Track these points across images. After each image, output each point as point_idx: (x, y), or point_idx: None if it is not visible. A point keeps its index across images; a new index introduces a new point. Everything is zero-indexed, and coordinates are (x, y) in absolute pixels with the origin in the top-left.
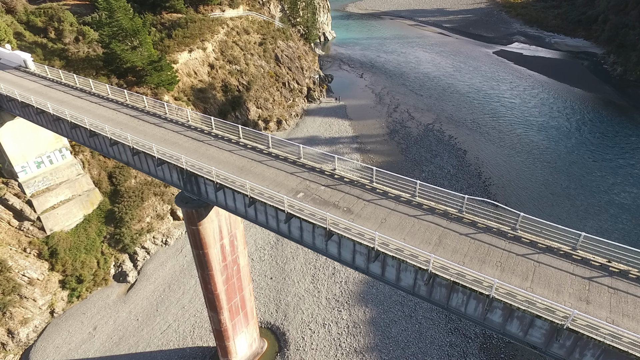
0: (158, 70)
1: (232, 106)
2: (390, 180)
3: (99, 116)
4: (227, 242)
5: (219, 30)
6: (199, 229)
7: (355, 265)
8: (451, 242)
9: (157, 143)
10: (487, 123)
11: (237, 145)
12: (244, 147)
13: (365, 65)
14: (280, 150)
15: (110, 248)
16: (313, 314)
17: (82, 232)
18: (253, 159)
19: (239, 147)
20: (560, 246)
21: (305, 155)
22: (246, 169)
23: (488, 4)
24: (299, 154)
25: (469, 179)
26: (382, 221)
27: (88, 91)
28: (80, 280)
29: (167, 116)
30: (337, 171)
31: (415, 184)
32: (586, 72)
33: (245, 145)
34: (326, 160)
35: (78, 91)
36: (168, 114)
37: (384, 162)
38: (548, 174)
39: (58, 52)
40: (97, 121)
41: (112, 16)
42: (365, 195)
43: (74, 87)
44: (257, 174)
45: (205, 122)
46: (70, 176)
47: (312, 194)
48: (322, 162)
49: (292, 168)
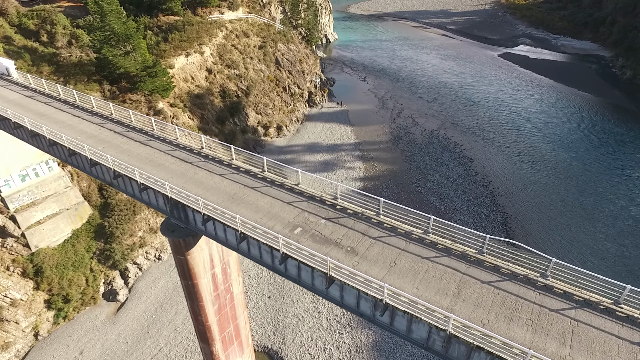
0: (152, 76)
1: (230, 112)
2: (400, 213)
3: (80, 132)
4: (219, 271)
5: (217, 34)
6: (187, 259)
7: (359, 312)
8: (472, 293)
9: (141, 164)
10: (493, 129)
11: (229, 167)
12: (236, 170)
13: (368, 68)
14: (276, 174)
15: (100, 264)
16: (313, 336)
17: (69, 248)
18: (246, 184)
19: (231, 170)
20: (601, 299)
21: (304, 181)
22: (238, 197)
23: (492, 5)
24: (297, 180)
25: (476, 189)
26: (392, 265)
27: (72, 103)
28: (67, 299)
29: (155, 133)
30: (340, 201)
31: (429, 219)
32: (594, 75)
33: (238, 168)
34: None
35: (61, 103)
36: (155, 130)
37: (387, 171)
38: (558, 183)
39: (48, 57)
40: (77, 138)
41: (104, 20)
42: (371, 231)
43: (57, 99)
44: (250, 203)
45: (195, 140)
46: (58, 189)
47: (312, 229)
48: (323, 189)
49: (289, 196)
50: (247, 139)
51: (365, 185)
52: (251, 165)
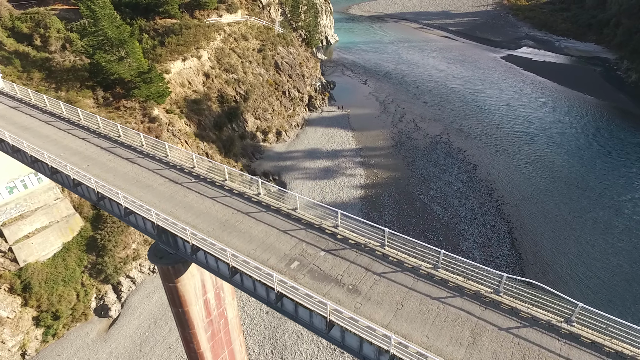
0: (147, 82)
1: (228, 118)
2: (406, 244)
3: (65, 148)
4: (212, 296)
5: (215, 37)
6: (177, 287)
7: (362, 355)
8: (489, 342)
9: (127, 186)
10: (497, 134)
11: (222, 190)
12: (229, 192)
13: (369, 70)
14: (272, 198)
15: (92, 279)
16: (312, 355)
17: (60, 262)
18: (240, 209)
19: (224, 193)
20: (636, 353)
21: (302, 206)
22: (230, 225)
23: (494, 6)
24: (294, 205)
25: (480, 197)
26: (398, 307)
27: (58, 115)
28: (56, 316)
29: (144, 149)
30: (340, 229)
31: (438, 253)
32: (599, 78)
33: (231, 190)
34: (327, 216)
35: (47, 115)
36: (145, 146)
37: (389, 178)
38: (566, 191)
39: (40, 63)
40: (61, 155)
41: (97, 25)
42: (375, 265)
43: (43, 110)
44: (243, 231)
45: (186, 159)
46: (48, 201)
47: (310, 262)
48: (322, 216)
49: (286, 224)
50: (245, 145)
51: (367, 194)
52: (245, 188)
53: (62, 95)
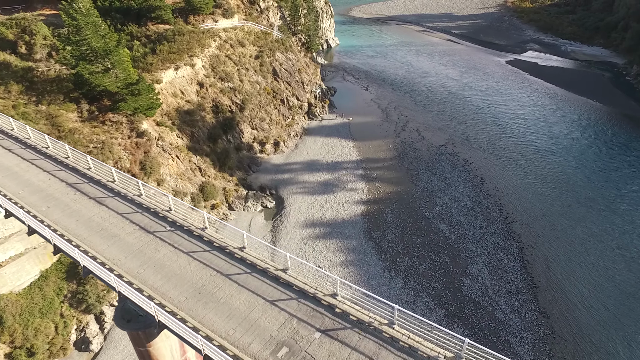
0: (135, 94)
1: (223, 129)
2: (419, 326)
3: (25, 183)
4: (193, 355)
5: (210, 44)
6: (149, 351)
7: None
8: None
9: (90, 235)
10: (504, 144)
11: (200, 242)
12: (208, 245)
13: (371, 75)
14: (258, 255)
15: (72, 309)
16: None
17: (37, 292)
18: (220, 269)
19: (202, 247)
20: None
21: (294, 266)
22: (207, 292)
23: (498, 8)
24: (284, 264)
25: (489, 214)
26: None
27: (24, 141)
28: (31, 352)
29: (114, 186)
30: (339, 299)
31: (462, 342)
32: (608, 84)
33: (211, 243)
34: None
35: (12, 140)
36: (117, 181)
37: (392, 193)
38: (581, 207)
39: (21, 73)
40: (19, 193)
41: (80, 34)
42: (383, 354)
43: (8, 135)
44: (221, 301)
45: (161, 201)
46: (23, 226)
47: (302, 349)
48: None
49: (274, 290)
50: (241, 157)
51: (369, 210)
52: (226, 242)
53: (42, 110)
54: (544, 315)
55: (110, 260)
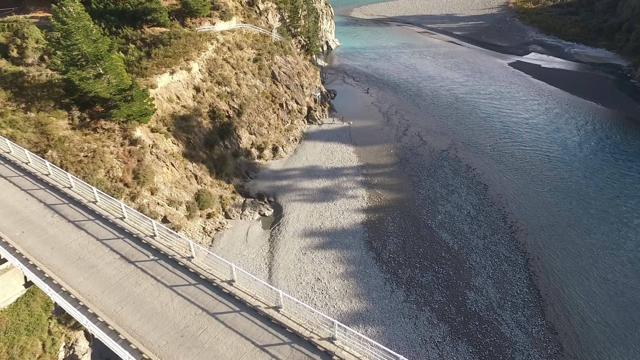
0: (128, 100)
1: (220, 135)
2: None
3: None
4: None
5: (207, 47)
6: None
7: None
8: None
9: (65, 266)
10: (507, 149)
11: (186, 273)
12: (194, 277)
13: (372, 78)
14: (248, 290)
15: (60, 325)
16: None
17: (23, 308)
18: (205, 307)
19: (188, 279)
20: None
21: (287, 304)
22: (190, 334)
23: (500, 9)
24: (276, 301)
25: (493, 223)
26: None
27: (3, 155)
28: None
29: (96, 208)
30: (338, 345)
31: None
32: (612, 87)
33: (197, 275)
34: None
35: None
36: (98, 202)
37: (393, 200)
38: (591, 219)
39: (11, 79)
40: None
41: (70, 38)
42: None
43: None
44: (206, 346)
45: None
46: None
47: None
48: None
49: (265, 333)
50: (239, 163)
51: (369, 218)
52: (214, 275)
53: (31, 117)
54: (552, 331)
55: (85, 295)
